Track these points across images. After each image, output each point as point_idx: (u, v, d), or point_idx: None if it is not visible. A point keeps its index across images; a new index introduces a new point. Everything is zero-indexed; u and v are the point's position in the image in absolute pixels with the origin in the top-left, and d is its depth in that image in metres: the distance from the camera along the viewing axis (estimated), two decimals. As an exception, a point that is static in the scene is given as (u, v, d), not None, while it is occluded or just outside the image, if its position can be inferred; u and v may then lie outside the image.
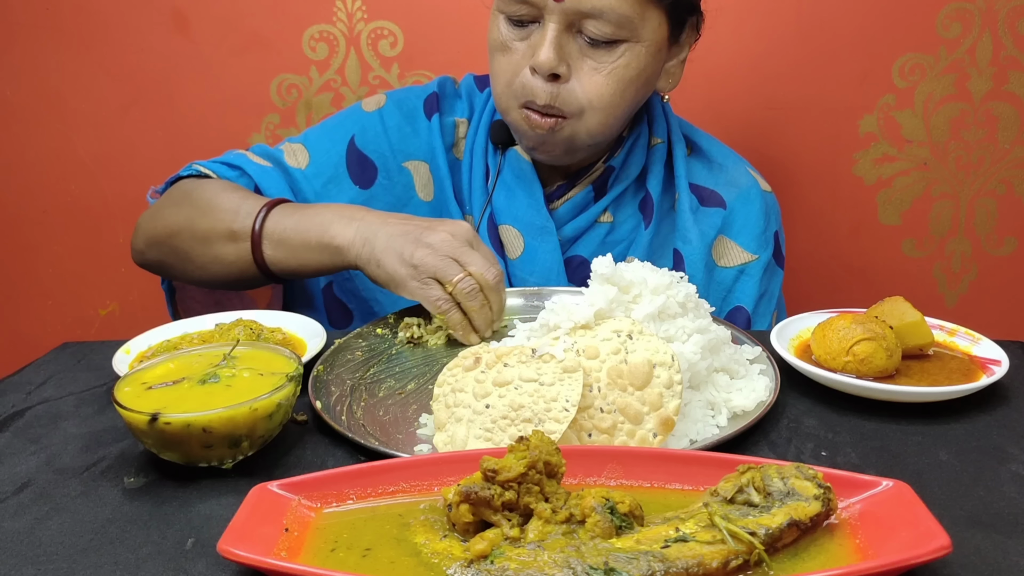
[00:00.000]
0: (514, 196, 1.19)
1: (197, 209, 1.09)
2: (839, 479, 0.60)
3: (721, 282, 1.21)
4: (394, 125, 1.23)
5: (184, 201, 1.12)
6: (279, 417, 0.74)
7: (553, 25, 1.02)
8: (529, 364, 0.75)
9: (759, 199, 1.23)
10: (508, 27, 1.07)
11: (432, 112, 1.24)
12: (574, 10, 1.01)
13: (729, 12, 1.59)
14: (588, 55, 1.04)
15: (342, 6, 1.66)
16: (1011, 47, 1.59)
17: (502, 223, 1.20)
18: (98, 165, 1.79)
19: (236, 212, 1.05)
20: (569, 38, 1.04)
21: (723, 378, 0.83)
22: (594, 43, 1.04)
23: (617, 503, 0.57)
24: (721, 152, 1.27)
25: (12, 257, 1.86)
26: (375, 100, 1.26)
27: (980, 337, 0.91)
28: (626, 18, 1.02)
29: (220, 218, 1.06)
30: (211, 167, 1.18)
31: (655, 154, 1.22)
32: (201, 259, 1.09)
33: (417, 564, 0.56)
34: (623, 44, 1.04)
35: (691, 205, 1.20)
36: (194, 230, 1.08)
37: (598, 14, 1.01)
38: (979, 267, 1.73)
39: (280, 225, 1.03)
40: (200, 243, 1.08)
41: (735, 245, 1.21)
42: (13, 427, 0.83)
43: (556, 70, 1.03)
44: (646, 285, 0.84)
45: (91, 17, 1.69)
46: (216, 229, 1.06)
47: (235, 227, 1.05)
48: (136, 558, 0.61)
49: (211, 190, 1.11)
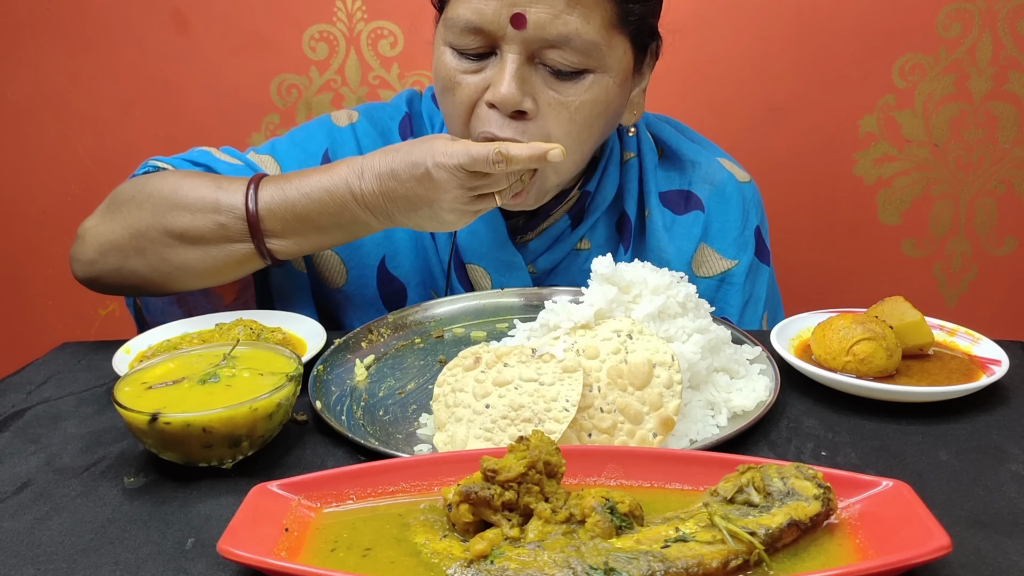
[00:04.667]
0: (477, 233, 1.11)
1: (163, 204, 0.96)
2: (839, 479, 0.60)
3: (702, 293, 1.14)
4: (369, 144, 1.15)
5: (141, 199, 0.98)
6: (279, 417, 0.74)
7: (513, 56, 0.92)
8: (529, 364, 0.75)
9: (736, 194, 1.17)
10: (457, 61, 0.96)
11: (406, 134, 1.18)
12: (538, 38, 0.91)
13: (729, 12, 1.59)
14: (553, 88, 0.94)
15: (342, 6, 1.66)
16: (1011, 47, 1.59)
17: (468, 262, 1.13)
18: (98, 165, 1.79)
19: (215, 202, 0.95)
20: (531, 70, 0.93)
21: (723, 378, 0.83)
22: (558, 74, 0.94)
23: (617, 503, 0.57)
24: (692, 149, 1.20)
25: (12, 257, 1.86)
26: (346, 115, 1.19)
27: (980, 337, 0.91)
28: (593, 45, 0.92)
29: (197, 211, 0.95)
30: (172, 163, 1.07)
31: (629, 171, 1.15)
32: (180, 258, 0.96)
33: (417, 564, 0.56)
34: (590, 75, 0.95)
35: (664, 222, 1.14)
36: (167, 227, 0.95)
37: (564, 42, 0.91)
38: (979, 267, 1.73)
39: (275, 198, 0.94)
40: (178, 241, 0.96)
41: (713, 252, 1.15)
42: (13, 427, 0.83)
43: (520, 106, 0.93)
44: (646, 285, 0.84)
45: (91, 17, 1.70)
46: (196, 224, 0.95)
47: (221, 220, 0.94)
48: (136, 558, 0.61)
49: (171, 182, 0.98)
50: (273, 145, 1.17)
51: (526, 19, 0.90)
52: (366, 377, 0.92)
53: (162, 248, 0.97)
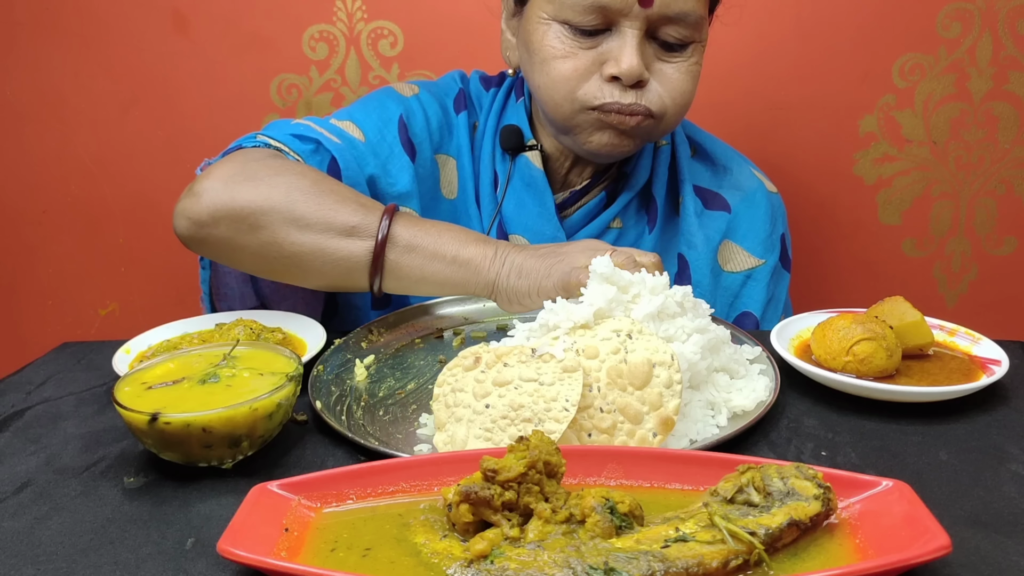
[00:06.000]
0: (524, 205, 1.17)
1: (296, 190, 0.95)
2: (839, 479, 0.60)
3: (728, 287, 1.19)
4: (434, 114, 1.20)
5: (274, 176, 0.97)
6: (279, 417, 0.74)
7: (633, 32, 1.01)
8: (529, 364, 0.75)
9: (765, 202, 1.22)
10: (571, 35, 1.04)
11: (460, 110, 1.22)
12: (659, 15, 1.00)
13: (729, 12, 1.59)
14: (663, 58, 1.05)
15: (342, 6, 1.66)
16: (1011, 47, 1.59)
17: (512, 232, 1.18)
18: (98, 165, 1.79)
19: (354, 206, 0.95)
20: (646, 44, 1.03)
21: (723, 378, 0.83)
22: (668, 47, 1.04)
23: (617, 503, 0.57)
24: (725, 153, 1.26)
25: (12, 257, 1.86)
26: (407, 87, 1.22)
27: (980, 337, 0.91)
28: (701, 19, 1.04)
29: (332, 207, 0.94)
30: (282, 140, 1.07)
31: (660, 156, 1.21)
32: (294, 247, 0.95)
33: (417, 564, 0.56)
34: (692, 45, 1.06)
35: (696, 209, 1.19)
36: (295, 213, 0.94)
37: (681, 18, 1.01)
38: (979, 267, 1.73)
39: (409, 232, 0.94)
40: (300, 229, 0.94)
41: (741, 250, 1.20)
42: (13, 427, 0.83)
43: (641, 76, 1.02)
44: (645, 284, 0.84)
45: (91, 17, 1.69)
46: (328, 219, 0.94)
47: (354, 221, 0.94)
48: (136, 558, 0.61)
49: (306, 171, 0.99)
50: (350, 112, 1.18)
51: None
52: (366, 377, 0.92)
53: (282, 231, 0.94)
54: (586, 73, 1.04)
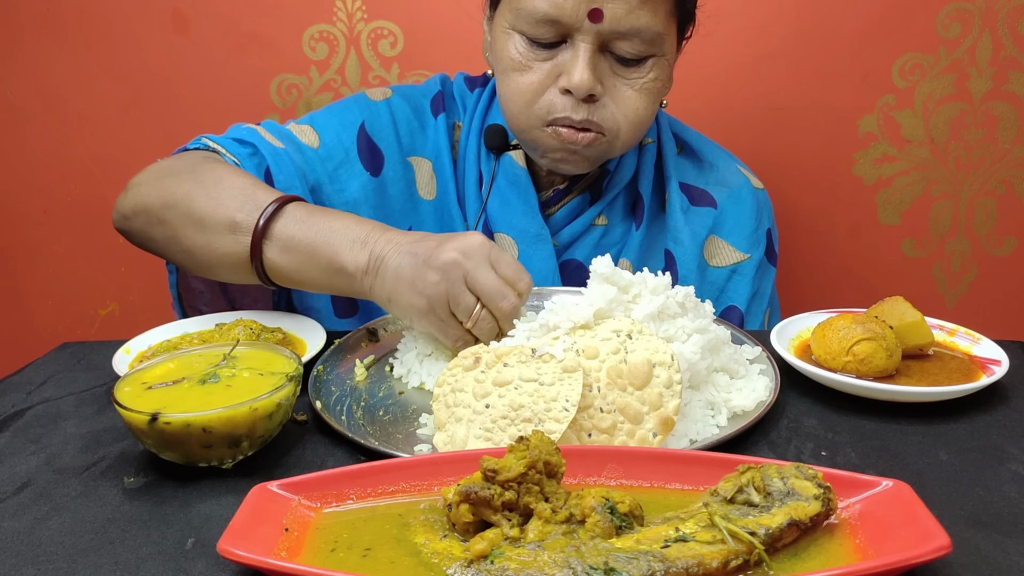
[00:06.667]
0: (509, 203, 1.18)
1: (200, 186, 0.97)
2: (839, 479, 0.60)
3: (714, 282, 1.21)
4: (403, 118, 1.21)
5: (186, 174, 1.00)
6: (279, 417, 0.74)
7: (586, 46, 1.01)
8: (529, 364, 0.75)
9: (750, 197, 1.23)
10: (528, 47, 1.04)
11: (438, 111, 1.24)
12: (610, 31, 1.00)
13: (729, 12, 1.59)
14: (619, 73, 1.05)
15: (342, 6, 1.66)
16: (1011, 47, 1.59)
17: (497, 231, 1.19)
18: (98, 165, 1.79)
19: (242, 201, 0.94)
20: (600, 58, 1.03)
21: (723, 378, 0.83)
22: (623, 61, 1.04)
23: (617, 503, 0.57)
24: (711, 151, 1.27)
25: (12, 257, 1.86)
26: (380, 91, 1.24)
27: (980, 337, 0.91)
28: (658, 35, 1.03)
29: (223, 203, 0.94)
30: (222, 143, 1.10)
31: (646, 154, 1.22)
32: (189, 242, 0.97)
33: (417, 564, 0.56)
34: (650, 59, 1.05)
35: (682, 205, 1.20)
36: (191, 208, 0.96)
37: (634, 34, 1.01)
38: (979, 267, 1.73)
39: (288, 231, 0.92)
40: (193, 225, 0.96)
41: (727, 245, 1.21)
42: (13, 427, 0.83)
43: (593, 91, 1.02)
44: (645, 285, 0.84)
45: (91, 17, 1.69)
46: (216, 214, 0.94)
47: (238, 218, 0.93)
48: (136, 558, 0.61)
49: (220, 170, 1.00)
50: (312, 117, 1.21)
51: (603, 14, 0.99)
52: (366, 377, 0.92)
53: (180, 227, 0.97)
54: (540, 87, 1.05)
